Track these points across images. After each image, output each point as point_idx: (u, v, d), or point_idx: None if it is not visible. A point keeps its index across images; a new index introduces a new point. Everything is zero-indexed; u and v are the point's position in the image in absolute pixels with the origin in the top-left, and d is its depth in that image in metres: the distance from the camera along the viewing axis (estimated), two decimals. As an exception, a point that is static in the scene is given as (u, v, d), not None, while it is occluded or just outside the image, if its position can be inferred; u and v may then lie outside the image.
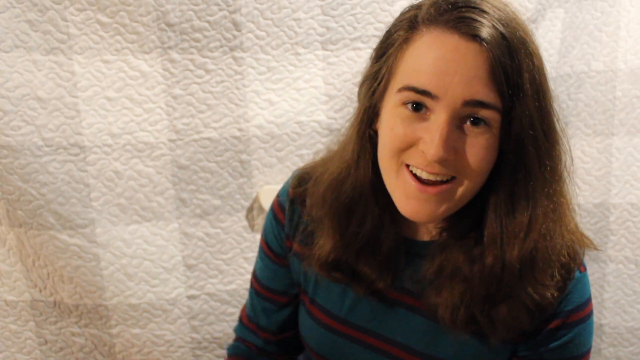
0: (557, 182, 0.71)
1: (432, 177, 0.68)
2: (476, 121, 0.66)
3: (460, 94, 0.65)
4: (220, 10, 1.09)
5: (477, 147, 0.67)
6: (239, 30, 1.12)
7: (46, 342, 1.22)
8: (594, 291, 1.40)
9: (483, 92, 0.65)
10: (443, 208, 0.70)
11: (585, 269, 0.78)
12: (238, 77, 1.14)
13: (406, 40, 0.69)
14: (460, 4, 0.66)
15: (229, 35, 1.11)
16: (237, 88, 1.14)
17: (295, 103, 1.18)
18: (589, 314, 0.78)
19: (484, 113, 0.66)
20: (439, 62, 0.65)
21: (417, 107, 0.67)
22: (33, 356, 1.23)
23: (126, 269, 1.16)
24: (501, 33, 0.64)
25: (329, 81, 1.18)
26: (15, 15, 1.03)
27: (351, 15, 1.15)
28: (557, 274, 0.73)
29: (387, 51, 0.71)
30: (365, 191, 0.76)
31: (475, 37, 0.64)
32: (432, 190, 0.68)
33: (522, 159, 0.68)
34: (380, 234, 0.77)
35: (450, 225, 0.75)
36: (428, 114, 0.67)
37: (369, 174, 0.75)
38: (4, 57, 1.04)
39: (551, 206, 0.70)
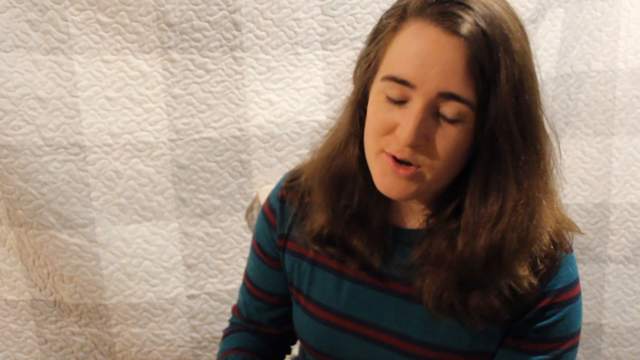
0: (533, 177, 0.73)
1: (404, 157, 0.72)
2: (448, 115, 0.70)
3: (436, 86, 0.68)
4: (220, 10, 1.09)
5: (447, 138, 0.70)
6: (239, 30, 1.12)
7: (46, 341, 1.22)
8: (594, 291, 1.40)
9: (458, 85, 0.67)
10: (414, 188, 0.73)
11: (571, 250, 0.80)
12: (238, 77, 1.14)
13: (395, 29, 0.72)
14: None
15: (229, 35, 1.11)
16: (237, 88, 1.15)
17: (295, 103, 1.18)
18: (578, 295, 0.80)
19: (456, 106, 0.68)
20: (419, 53, 0.68)
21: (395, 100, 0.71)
22: (33, 355, 1.23)
23: (126, 268, 1.16)
24: (482, 30, 0.67)
25: (329, 81, 1.18)
26: (16, 15, 1.03)
27: (351, 15, 1.15)
28: (539, 264, 0.75)
29: (378, 36, 0.75)
30: (353, 167, 0.80)
31: (455, 32, 0.67)
32: (402, 172, 0.72)
33: (494, 152, 0.70)
34: (368, 208, 0.81)
35: (435, 212, 0.78)
36: (406, 102, 0.71)
37: (357, 151, 0.79)
38: (4, 57, 1.04)
39: (522, 200, 0.72)
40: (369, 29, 1.16)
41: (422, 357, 0.82)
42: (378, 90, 0.73)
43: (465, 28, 0.66)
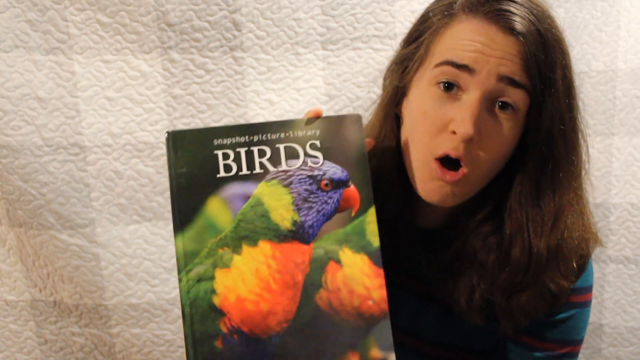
0: (578, 178, 0.74)
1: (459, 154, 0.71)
2: (504, 105, 0.68)
3: (496, 69, 0.67)
4: (220, 10, 1.09)
5: (500, 134, 0.69)
6: (239, 30, 1.12)
7: (46, 341, 1.22)
8: (594, 291, 1.39)
9: (518, 72, 0.67)
10: (457, 193, 0.72)
11: (590, 255, 0.81)
12: (238, 77, 1.14)
13: (445, 25, 0.71)
14: None
15: (229, 35, 1.11)
16: (237, 88, 1.15)
17: (295, 103, 1.18)
18: (588, 302, 0.80)
19: (514, 93, 0.68)
20: (478, 44, 0.67)
21: (449, 86, 0.69)
22: (33, 356, 1.23)
23: (126, 269, 1.16)
24: (537, 29, 0.67)
25: (329, 81, 1.18)
26: (15, 15, 1.03)
27: (351, 15, 1.15)
28: (574, 264, 0.76)
29: (423, 34, 0.74)
30: (390, 171, 0.78)
31: (511, 30, 0.66)
32: (450, 177, 0.70)
33: (552, 152, 0.70)
34: (398, 211, 0.80)
35: (462, 212, 0.77)
36: (460, 93, 0.69)
37: (394, 154, 0.78)
38: (4, 57, 1.04)
39: (575, 199, 0.73)
40: (369, 29, 1.17)
41: (436, 356, 0.81)
42: (427, 83, 0.71)
43: (522, 26, 0.66)
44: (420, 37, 0.74)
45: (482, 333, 0.80)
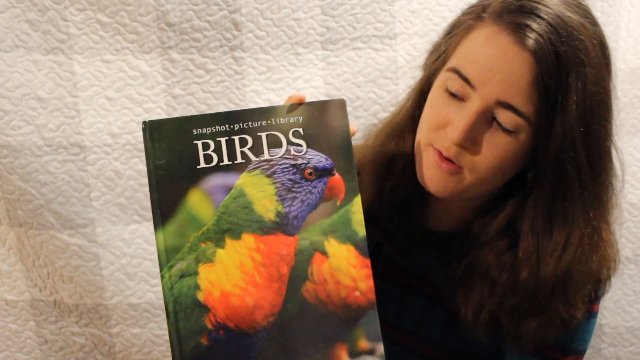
0: (598, 208, 0.71)
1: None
2: (501, 124, 0.68)
3: (496, 93, 0.66)
4: (220, 10, 1.09)
5: (496, 145, 0.68)
6: (239, 30, 1.12)
7: (46, 341, 1.22)
8: (594, 291, 1.39)
9: (519, 98, 0.65)
10: (453, 184, 0.71)
11: None
12: (238, 77, 1.14)
13: (470, 27, 0.71)
14: (532, 11, 0.66)
15: (229, 35, 1.11)
16: (237, 88, 1.15)
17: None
18: (595, 313, 0.78)
19: (512, 118, 0.66)
20: (487, 57, 0.66)
21: (454, 94, 0.70)
22: (33, 356, 1.23)
23: (126, 268, 1.16)
24: (557, 52, 0.64)
25: (329, 81, 1.18)
26: (15, 15, 1.03)
27: (351, 15, 1.15)
28: (588, 291, 0.74)
29: (453, 30, 0.74)
30: (406, 154, 0.78)
31: (525, 45, 0.64)
32: (445, 166, 0.70)
33: (560, 178, 0.68)
34: (411, 201, 0.79)
35: (474, 219, 0.76)
36: (465, 100, 0.69)
37: (411, 138, 0.77)
38: (4, 57, 1.04)
39: (588, 230, 0.70)
40: (369, 29, 1.17)
41: (438, 359, 0.81)
42: (441, 81, 0.72)
43: (538, 45, 0.64)
44: (450, 32, 0.75)
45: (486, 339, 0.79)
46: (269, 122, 0.65)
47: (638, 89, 1.26)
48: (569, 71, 0.65)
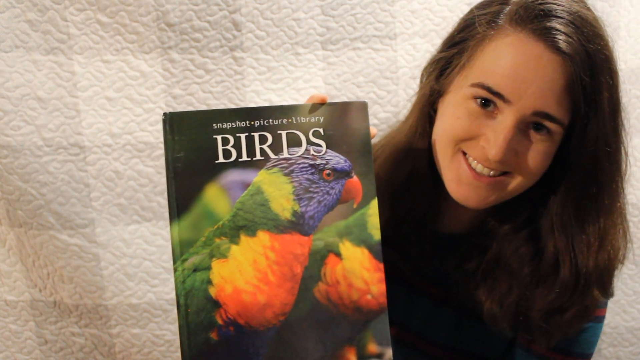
0: (620, 198, 0.73)
1: (485, 172, 0.70)
2: (539, 127, 0.67)
3: (532, 104, 0.65)
4: (220, 10, 1.09)
5: (536, 152, 0.68)
6: (239, 30, 1.12)
7: (46, 342, 1.22)
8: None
9: (554, 106, 0.65)
10: (493, 197, 0.71)
11: None
12: (238, 77, 1.14)
13: (489, 36, 0.68)
14: (553, 14, 0.65)
15: (229, 35, 1.11)
16: (237, 88, 1.14)
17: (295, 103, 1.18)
18: (602, 317, 0.79)
19: (549, 124, 0.66)
20: (518, 68, 0.65)
21: (486, 103, 0.68)
22: (33, 356, 1.23)
23: (126, 269, 1.16)
24: (586, 50, 0.64)
25: (329, 81, 1.18)
26: (15, 15, 1.03)
27: (351, 15, 1.15)
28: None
29: (464, 41, 0.71)
30: (423, 170, 0.77)
31: (558, 49, 0.64)
32: (485, 179, 0.69)
33: (596, 175, 0.69)
34: (424, 220, 0.79)
35: (489, 218, 0.76)
36: (496, 112, 0.67)
37: (426, 153, 0.76)
38: (4, 57, 1.04)
39: (619, 219, 0.72)
40: (369, 29, 1.16)
41: None
42: (463, 96, 0.69)
43: (571, 47, 0.63)
44: (462, 42, 0.72)
45: (493, 340, 0.79)
46: (289, 120, 0.64)
47: (638, 89, 1.26)
48: (601, 69, 0.65)
